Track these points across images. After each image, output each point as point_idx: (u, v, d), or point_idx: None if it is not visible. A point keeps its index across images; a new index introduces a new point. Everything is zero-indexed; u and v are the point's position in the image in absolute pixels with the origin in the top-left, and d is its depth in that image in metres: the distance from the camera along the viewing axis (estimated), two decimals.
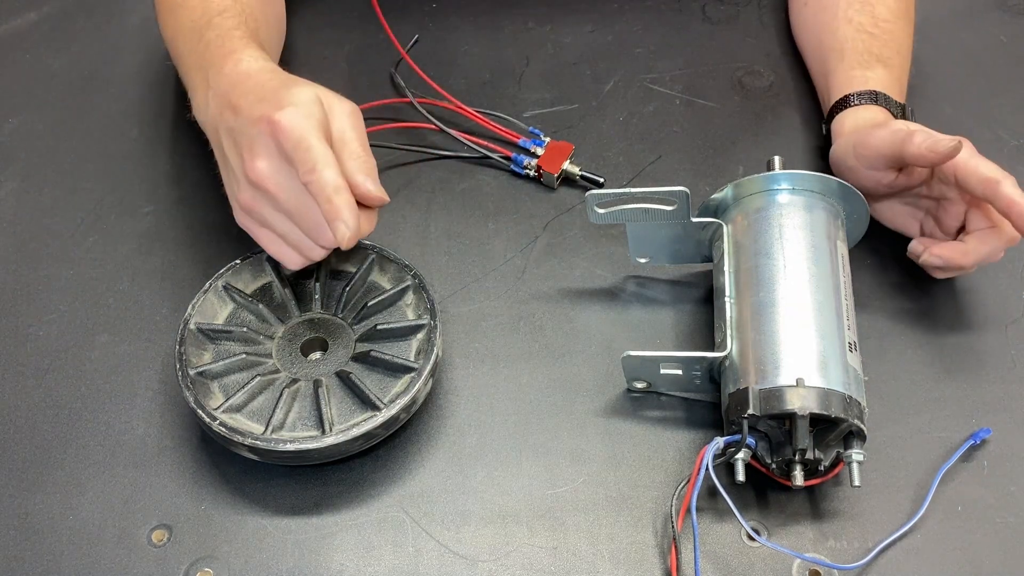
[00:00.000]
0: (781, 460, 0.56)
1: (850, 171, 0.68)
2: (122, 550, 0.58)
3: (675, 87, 0.84)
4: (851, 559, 0.56)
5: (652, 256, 0.69)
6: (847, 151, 0.68)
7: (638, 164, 0.78)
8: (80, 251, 0.72)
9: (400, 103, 0.80)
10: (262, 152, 0.56)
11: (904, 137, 0.63)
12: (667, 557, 0.57)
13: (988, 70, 0.85)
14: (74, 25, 0.90)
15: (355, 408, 0.59)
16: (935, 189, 0.66)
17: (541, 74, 0.85)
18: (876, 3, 0.77)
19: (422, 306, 0.63)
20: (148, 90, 0.83)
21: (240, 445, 0.57)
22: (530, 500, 0.60)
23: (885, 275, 0.70)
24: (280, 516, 0.59)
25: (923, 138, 0.62)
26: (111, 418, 0.63)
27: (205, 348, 0.62)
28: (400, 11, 0.88)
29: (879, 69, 0.73)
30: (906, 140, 0.62)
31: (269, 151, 0.55)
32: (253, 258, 0.65)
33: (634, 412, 0.63)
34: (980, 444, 0.61)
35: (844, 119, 0.71)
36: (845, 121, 0.71)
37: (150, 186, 0.77)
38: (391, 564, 0.57)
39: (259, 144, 0.55)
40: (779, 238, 0.61)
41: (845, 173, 0.68)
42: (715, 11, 0.91)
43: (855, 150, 0.67)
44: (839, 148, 0.70)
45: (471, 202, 0.75)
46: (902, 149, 0.63)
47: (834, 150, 0.71)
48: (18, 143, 0.80)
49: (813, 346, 0.56)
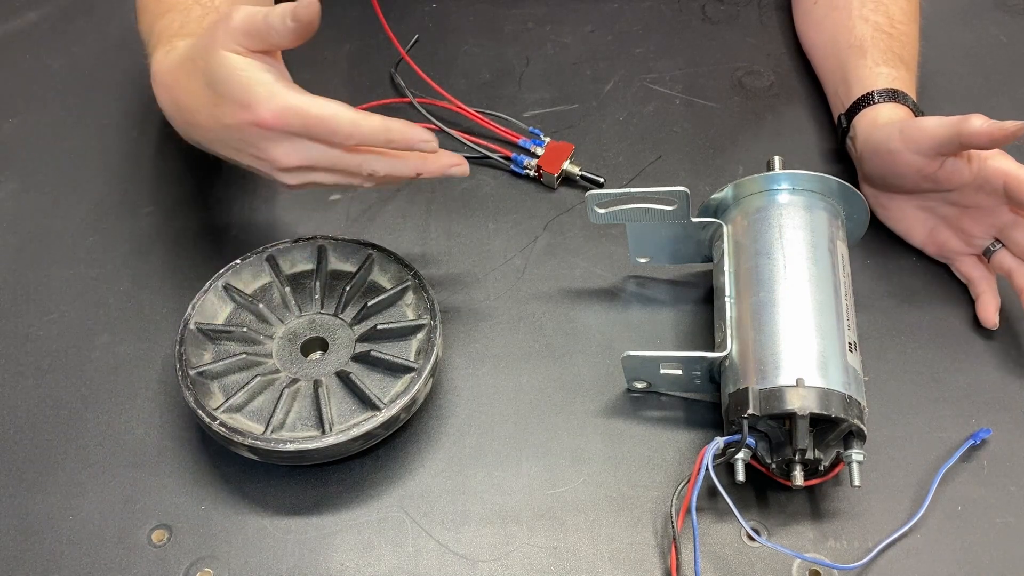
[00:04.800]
0: (781, 460, 0.56)
1: (890, 154, 0.65)
2: (122, 550, 0.58)
3: (675, 87, 0.84)
4: (851, 559, 0.56)
5: (652, 256, 0.69)
6: (890, 134, 0.66)
7: (638, 164, 0.78)
8: (80, 251, 0.72)
9: (400, 103, 0.80)
10: (271, 146, 0.55)
11: (961, 119, 0.61)
12: (667, 557, 0.57)
13: (988, 70, 0.85)
14: (74, 25, 0.90)
15: (355, 408, 0.59)
16: (967, 196, 0.65)
17: (541, 74, 0.85)
18: (889, 4, 0.77)
19: (422, 306, 0.63)
20: (148, 90, 0.83)
21: (240, 445, 0.57)
22: (530, 500, 0.60)
23: (885, 275, 0.70)
24: (280, 516, 0.59)
25: (984, 119, 0.60)
26: (111, 418, 0.63)
27: (205, 348, 0.62)
28: (400, 11, 0.88)
29: (902, 69, 0.73)
30: (963, 121, 0.60)
31: (277, 139, 0.55)
32: (253, 258, 0.65)
33: (634, 412, 0.63)
34: (980, 444, 0.61)
35: (875, 113, 0.70)
36: (879, 114, 0.70)
37: (150, 186, 0.77)
38: (391, 564, 0.57)
39: (262, 141, 0.55)
40: (779, 238, 0.61)
41: (883, 156, 0.66)
42: (715, 11, 0.91)
43: (903, 133, 0.65)
44: (880, 133, 0.67)
45: (471, 202, 0.75)
46: (959, 129, 0.61)
47: (870, 135, 0.68)
48: (18, 143, 0.80)
49: (813, 346, 0.56)
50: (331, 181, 0.58)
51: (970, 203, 0.65)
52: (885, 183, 0.68)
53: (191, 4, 0.64)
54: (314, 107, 0.53)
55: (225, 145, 0.57)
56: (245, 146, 0.56)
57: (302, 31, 0.53)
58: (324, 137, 0.54)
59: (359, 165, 0.56)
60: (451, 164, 0.58)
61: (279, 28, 0.53)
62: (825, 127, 0.80)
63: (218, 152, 0.59)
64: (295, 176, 0.57)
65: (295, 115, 0.53)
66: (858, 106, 0.72)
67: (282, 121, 0.53)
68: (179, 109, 0.59)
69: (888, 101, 0.70)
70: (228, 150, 0.58)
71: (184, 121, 0.59)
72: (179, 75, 0.58)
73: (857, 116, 0.71)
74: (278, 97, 0.53)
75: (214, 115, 0.55)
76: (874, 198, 0.71)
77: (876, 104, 0.70)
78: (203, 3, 0.64)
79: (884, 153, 0.66)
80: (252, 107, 0.53)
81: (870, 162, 0.68)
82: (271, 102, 0.53)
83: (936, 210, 0.68)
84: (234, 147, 0.57)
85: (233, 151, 0.57)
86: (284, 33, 0.53)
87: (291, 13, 0.52)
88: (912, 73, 0.74)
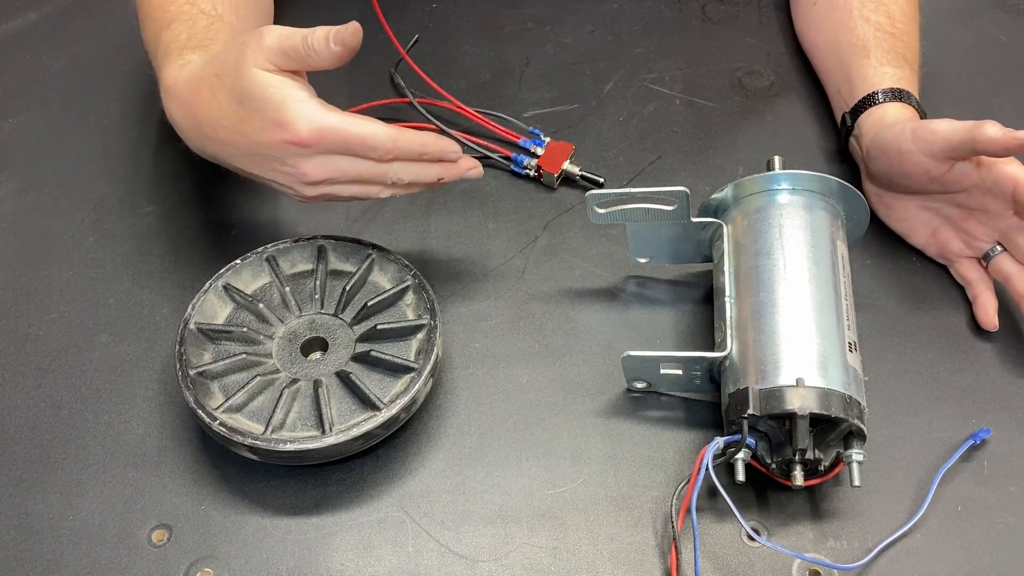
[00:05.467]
0: (781, 460, 0.56)
1: (900, 154, 0.65)
2: (122, 550, 0.58)
3: (675, 87, 0.84)
4: (851, 559, 0.56)
5: (652, 256, 0.69)
6: (901, 134, 0.65)
7: (638, 164, 0.78)
8: (80, 251, 0.72)
9: (400, 103, 0.80)
10: (302, 161, 0.56)
11: (975, 125, 0.61)
12: (667, 557, 0.57)
13: (988, 70, 0.85)
14: (74, 25, 0.90)
15: (355, 408, 0.59)
16: (974, 198, 0.65)
17: (541, 74, 0.85)
18: (890, 3, 0.77)
19: (422, 306, 0.63)
20: (148, 90, 0.83)
21: (240, 445, 0.57)
22: (530, 500, 0.60)
23: (885, 275, 0.70)
24: (280, 516, 0.59)
25: (998, 127, 0.60)
26: (111, 418, 0.63)
27: (205, 348, 0.62)
28: (400, 11, 0.88)
29: (906, 68, 0.73)
30: (978, 127, 0.60)
31: (308, 156, 0.55)
32: (253, 258, 0.65)
33: (634, 412, 0.63)
34: (980, 444, 0.61)
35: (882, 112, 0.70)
36: (885, 114, 0.70)
37: (150, 186, 0.77)
38: (391, 564, 0.57)
39: (293, 157, 0.55)
40: (779, 238, 0.61)
41: (892, 156, 0.66)
42: (715, 11, 0.91)
43: (915, 134, 0.64)
44: (889, 132, 0.67)
45: (471, 202, 0.75)
46: (973, 135, 0.61)
47: (878, 134, 0.68)
48: (18, 143, 0.80)
49: (813, 346, 0.56)
50: (350, 193, 0.59)
51: (976, 205, 0.65)
52: (891, 183, 0.68)
53: (196, 14, 0.64)
54: (353, 126, 0.55)
55: (248, 159, 0.58)
56: (272, 161, 0.56)
57: (344, 55, 0.54)
58: (362, 153, 0.56)
59: (384, 174, 0.58)
60: (468, 168, 0.61)
61: (321, 51, 0.54)
62: (825, 127, 0.80)
63: (236, 165, 0.59)
64: (317, 189, 0.58)
65: (334, 133, 0.54)
66: (863, 105, 0.72)
67: (320, 139, 0.54)
68: (198, 123, 0.59)
69: (893, 100, 0.70)
70: (250, 164, 0.58)
71: (201, 135, 0.59)
72: (200, 89, 0.58)
73: (862, 115, 0.71)
74: (315, 115, 0.54)
75: (241, 130, 0.56)
76: (877, 197, 0.71)
77: (881, 104, 0.70)
78: (207, 12, 0.65)
79: (893, 153, 0.66)
80: (288, 125, 0.54)
81: (877, 161, 0.68)
82: (309, 121, 0.54)
83: (940, 211, 0.68)
84: (258, 162, 0.57)
85: (256, 165, 0.58)
86: (326, 56, 0.54)
87: (335, 37, 0.53)
88: (915, 73, 0.74)
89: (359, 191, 0.59)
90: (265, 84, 0.54)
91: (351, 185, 0.58)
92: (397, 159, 0.57)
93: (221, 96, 0.56)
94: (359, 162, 0.57)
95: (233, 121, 0.56)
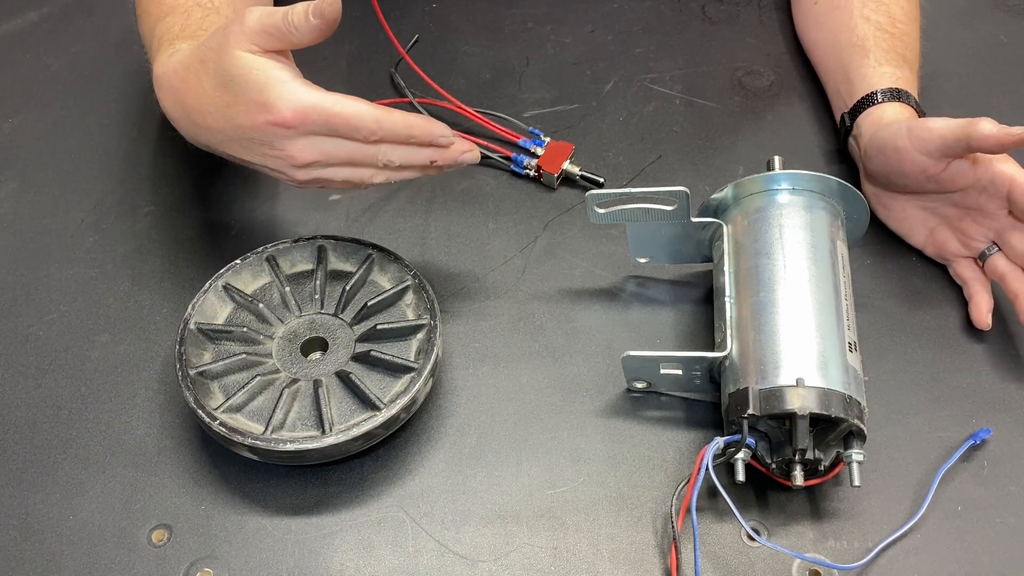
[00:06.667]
0: (781, 460, 0.56)
1: (896, 153, 0.65)
2: (122, 550, 0.58)
3: (675, 87, 0.84)
4: (851, 559, 0.56)
5: (652, 256, 0.69)
6: (897, 133, 0.65)
7: (638, 164, 0.78)
8: (80, 251, 0.72)
9: (400, 103, 0.80)
10: (289, 143, 0.55)
11: (970, 122, 0.61)
12: (667, 557, 0.57)
13: (988, 70, 0.85)
14: (74, 25, 0.90)
15: (355, 408, 0.59)
16: (970, 198, 0.65)
17: (541, 74, 0.85)
18: (890, 3, 0.77)
19: (422, 306, 0.63)
20: (148, 89, 0.83)
21: (240, 445, 0.57)
22: (530, 500, 0.60)
23: (885, 275, 0.70)
24: (280, 516, 0.59)
25: (993, 123, 0.60)
26: (111, 418, 0.63)
27: (205, 348, 0.62)
28: (400, 11, 0.88)
29: (905, 69, 0.73)
30: (972, 124, 0.61)
31: (295, 137, 0.55)
32: (253, 258, 0.65)
33: (634, 412, 0.63)
34: (980, 444, 0.61)
35: (880, 112, 0.70)
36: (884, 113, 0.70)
37: (150, 186, 0.77)
38: (391, 564, 0.57)
39: (280, 139, 0.55)
40: (779, 238, 0.61)
41: (889, 155, 0.66)
42: (715, 11, 0.91)
43: (910, 132, 0.64)
44: (886, 131, 0.67)
45: (471, 202, 0.75)
46: (968, 132, 0.61)
47: (876, 133, 0.68)
48: (18, 143, 0.80)
49: (813, 346, 0.56)
50: (342, 176, 0.58)
51: (972, 205, 0.65)
52: (889, 182, 0.68)
53: (191, 6, 0.64)
54: (336, 105, 0.54)
55: (237, 145, 0.57)
56: (260, 145, 0.56)
57: (325, 28, 0.53)
58: (347, 134, 0.55)
59: (374, 156, 0.57)
60: (463, 151, 0.59)
61: (300, 25, 0.53)
62: (825, 127, 0.80)
63: (227, 152, 0.59)
64: (308, 172, 0.57)
65: (317, 113, 0.54)
66: (862, 105, 0.72)
67: (303, 119, 0.54)
68: (186, 111, 0.59)
69: (892, 100, 0.70)
70: (239, 150, 0.58)
71: (191, 123, 0.59)
72: (186, 76, 0.58)
73: (861, 115, 0.71)
74: (298, 95, 0.53)
75: (227, 115, 0.55)
76: (876, 197, 0.71)
77: (880, 103, 0.70)
78: (203, 4, 0.64)
79: (890, 152, 0.66)
80: (271, 106, 0.53)
81: (875, 160, 0.68)
82: (291, 101, 0.53)
83: (937, 211, 0.68)
84: (247, 146, 0.57)
85: (245, 150, 0.57)
86: (306, 31, 0.53)
87: (314, 9, 0.53)
88: (914, 73, 0.74)
89: (350, 174, 0.58)
90: (248, 66, 0.54)
91: (342, 168, 0.57)
92: (383, 140, 0.56)
93: (206, 82, 0.56)
94: (347, 143, 0.56)
95: (219, 106, 0.56)
